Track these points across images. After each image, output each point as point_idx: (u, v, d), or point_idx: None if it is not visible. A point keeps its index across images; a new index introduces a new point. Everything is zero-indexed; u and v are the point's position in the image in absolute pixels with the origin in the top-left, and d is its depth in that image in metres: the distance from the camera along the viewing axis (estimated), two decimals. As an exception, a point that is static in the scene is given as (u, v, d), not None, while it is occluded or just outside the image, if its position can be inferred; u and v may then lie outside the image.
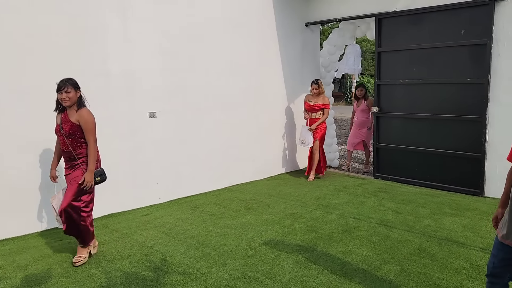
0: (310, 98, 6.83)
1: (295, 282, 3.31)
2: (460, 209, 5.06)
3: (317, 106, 6.72)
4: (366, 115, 7.47)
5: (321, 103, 6.75)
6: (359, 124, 7.51)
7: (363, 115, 7.49)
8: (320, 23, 7.59)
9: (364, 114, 7.48)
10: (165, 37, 5.54)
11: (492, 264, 2.39)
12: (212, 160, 6.25)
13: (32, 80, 4.48)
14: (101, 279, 3.42)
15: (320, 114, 6.78)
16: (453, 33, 5.75)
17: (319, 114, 6.78)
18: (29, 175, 4.52)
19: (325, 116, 6.80)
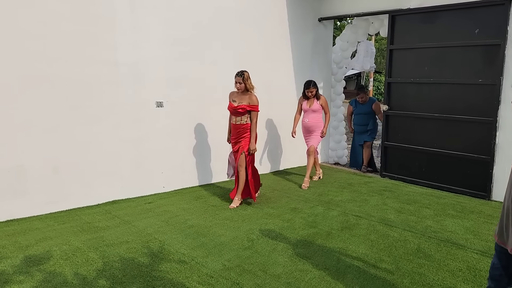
0: (234, 97, 5.11)
1: (287, 275, 3.32)
2: (465, 212, 4.99)
3: (242, 108, 4.96)
4: (318, 117, 6.25)
5: (247, 103, 4.98)
6: (310, 127, 6.26)
7: (315, 115, 6.22)
8: (333, 19, 7.52)
9: (316, 115, 6.23)
10: (174, 27, 5.58)
11: (492, 265, 2.38)
12: (217, 152, 6.28)
13: (44, 67, 4.56)
14: (98, 263, 3.49)
15: (246, 118, 5.05)
16: (466, 33, 5.63)
17: (245, 118, 5.05)
18: (36, 158, 4.62)
19: (254, 122, 5.02)
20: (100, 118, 5.04)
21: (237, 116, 5.04)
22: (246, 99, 5.00)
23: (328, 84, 7.91)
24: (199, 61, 5.89)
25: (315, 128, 6.25)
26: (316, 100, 6.21)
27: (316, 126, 6.25)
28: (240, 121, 5.06)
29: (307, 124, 6.26)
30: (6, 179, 4.44)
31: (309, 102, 6.25)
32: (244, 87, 4.98)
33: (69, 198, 4.90)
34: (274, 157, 7.20)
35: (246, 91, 5.01)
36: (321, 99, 6.22)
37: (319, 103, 6.20)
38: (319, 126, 6.25)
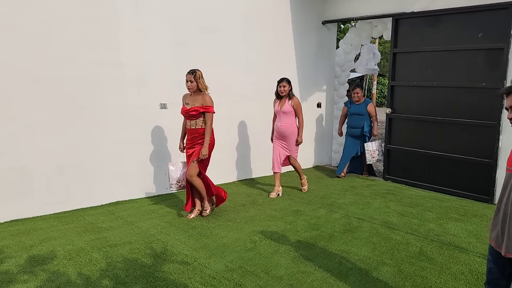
0: (187, 99, 4.64)
1: (290, 277, 3.33)
2: (467, 215, 4.98)
3: (195, 110, 4.48)
4: (292, 121, 5.59)
5: (200, 104, 4.50)
6: (283, 133, 5.60)
7: (287, 119, 5.58)
8: (337, 22, 7.54)
9: (289, 119, 5.57)
10: (178, 29, 5.61)
11: (488, 270, 2.38)
12: (221, 154, 6.29)
13: (48, 68, 4.60)
14: (101, 263, 3.51)
15: (202, 122, 4.54)
16: (470, 37, 5.64)
17: (200, 122, 4.54)
18: (40, 158, 4.65)
19: (209, 125, 4.52)
20: (104, 119, 5.08)
21: (191, 119, 4.58)
22: (199, 100, 4.54)
23: (332, 87, 7.93)
24: (203, 63, 5.90)
25: (290, 135, 5.57)
26: (288, 101, 5.52)
27: (291, 132, 5.56)
28: (195, 125, 4.58)
29: (279, 129, 5.58)
30: (10, 180, 4.48)
31: (281, 102, 5.58)
32: (196, 86, 4.51)
33: (73, 199, 4.93)
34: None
35: (199, 92, 4.56)
36: (293, 100, 5.51)
37: (290, 104, 5.50)
38: (295, 133, 5.58)
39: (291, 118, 5.54)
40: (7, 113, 4.40)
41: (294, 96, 5.57)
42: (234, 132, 6.49)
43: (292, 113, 5.53)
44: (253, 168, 6.83)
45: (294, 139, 5.61)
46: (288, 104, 5.50)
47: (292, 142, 5.60)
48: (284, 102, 5.54)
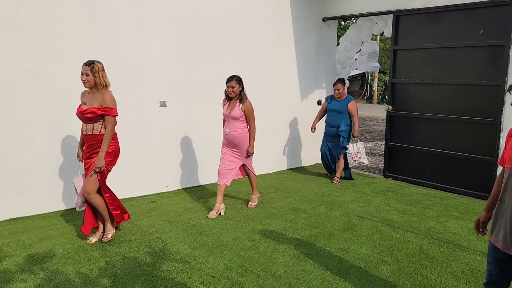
0: (85, 98, 3.81)
1: (289, 276, 3.32)
2: (468, 213, 4.96)
3: (91, 112, 3.66)
4: (243, 127, 4.79)
5: (98, 105, 3.69)
6: (232, 140, 4.79)
7: (237, 125, 4.77)
8: (337, 19, 7.50)
9: (239, 125, 4.77)
10: (178, 27, 5.58)
11: (488, 272, 2.35)
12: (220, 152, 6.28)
13: (48, 67, 4.58)
14: (100, 262, 3.50)
15: (101, 127, 3.73)
16: (470, 33, 5.61)
17: (98, 127, 3.72)
18: (40, 156, 4.64)
19: (108, 131, 3.72)
20: (103, 117, 5.05)
21: (88, 123, 3.72)
22: (98, 99, 3.70)
23: (332, 84, 7.89)
24: (203, 61, 5.90)
25: (241, 142, 4.77)
26: (238, 104, 4.72)
27: (242, 139, 4.77)
28: (92, 131, 3.72)
29: (228, 136, 4.76)
30: (10, 178, 4.46)
31: (230, 105, 4.76)
32: (93, 82, 3.68)
33: (72, 198, 4.91)
34: (277, 158, 7.19)
35: (97, 89, 3.73)
36: (244, 104, 4.70)
37: (241, 108, 4.69)
38: (247, 139, 4.80)
39: (242, 123, 4.76)
40: (7, 111, 4.38)
41: (247, 99, 4.75)
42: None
43: (243, 119, 4.74)
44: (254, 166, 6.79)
45: (245, 147, 4.83)
46: (238, 108, 4.69)
47: (243, 149, 4.84)
48: (234, 105, 4.72)
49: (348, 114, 6.28)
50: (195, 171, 6.05)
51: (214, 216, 4.72)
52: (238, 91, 4.69)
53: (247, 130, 4.81)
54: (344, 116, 6.27)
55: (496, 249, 2.26)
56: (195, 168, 6.04)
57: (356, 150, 6.33)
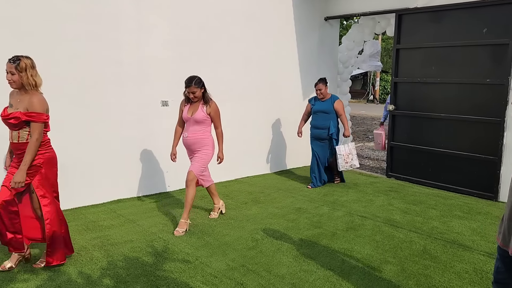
0: (12, 98, 3.32)
1: (292, 276, 3.30)
2: (471, 213, 4.94)
3: (15, 117, 3.15)
4: (204, 131, 4.33)
5: (24, 109, 3.17)
6: (191, 145, 4.37)
7: (199, 129, 4.31)
8: (339, 18, 7.48)
9: (201, 128, 4.31)
10: (179, 26, 5.57)
11: (495, 269, 2.34)
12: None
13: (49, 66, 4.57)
14: (102, 262, 3.49)
15: (26, 135, 3.20)
16: (474, 32, 5.57)
17: (24, 134, 3.20)
18: (42, 157, 4.63)
19: (33, 139, 3.15)
20: (105, 117, 5.05)
21: (13, 129, 3.19)
22: (25, 102, 3.16)
23: (334, 83, 7.87)
24: (205, 60, 5.88)
25: (202, 148, 4.34)
26: (202, 106, 4.29)
27: (204, 144, 4.33)
28: (18, 139, 3.18)
29: (187, 141, 4.34)
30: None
31: (192, 107, 4.33)
32: (20, 82, 3.16)
33: (74, 197, 4.91)
34: (279, 157, 7.18)
35: (25, 90, 3.20)
36: (210, 105, 4.29)
37: (205, 111, 4.27)
38: (209, 145, 4.37)
39: (202, 127, 4.31)
40: (7, 111, 4.37)
41: (212, 101, 4.33)
42: (235, 130, 6.44)
43: (207, 122, 4.32)
44: (254, 166, 6.79)
45: (206, 152, 4.36)
46: (203, 111, 4.26)
47: (201, 155, 4.33)
48: (197, 107, 4.29)
49: (335, 114, 5.95)
50: (197, 171, 6.03)
51: (216, 216, 4.66)
52: (201, 94, 4.26)
53: (207, 134, 4.36)
54: (332, 117, 5.92)
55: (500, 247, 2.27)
56: (197, 167, 6.02)
57: (347, 151, 6.00)
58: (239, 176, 6.59)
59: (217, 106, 4.38)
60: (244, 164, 6.62)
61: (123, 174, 5.29)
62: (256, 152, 6.77)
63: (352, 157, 6.00)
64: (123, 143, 5.24)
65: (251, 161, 6.73)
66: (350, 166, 6.01)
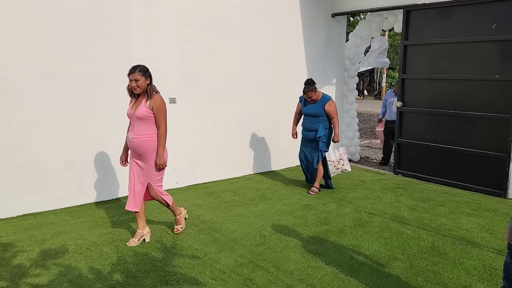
0: None
1: (300, 272, 3.32)
2: (480, 210, 4.92)
3: None
4: (149, 130, 3.69)
5: None
6: (137, 149, 3.72)
7: (142, 128, 3.68)
8: (346, 14, 7.45)
9: (145, 128, 3.68)
10: (187, 23, 5.59)
11: (505, 264, 2.34)
12: (230, 148, 6.30)
13: (60, 64, 4.61)
14: (112, 257, 3.53)
15: None
16: (482, 28, 5.54)
17: None
18: (52, 153, 4.68)
19: None
20: (114, 114, 5.08)
21: None
22: None
23: (341, 80, 7.86)
24: (212, 57, 5.90)
25: (147, 152, 3.71)
26: (145, 101, 3.66)
27: (149, 147, 3.70)
28: None
29: (131, 143, 3.71)
30: (22, 174, 4.51)
31: (136, 103, 3.73)
32: None
33: (84, 193, 4.95)
34: (286, 154, 7.17)
35: None
36: (153, 99, 3.65)
37: (148, 105, 3.63)
38: (154, 151, 3.73)
39: (149, 126, 3.68)
40: (19, 108, 4.42)
41: (156, 94, 3.71)
42: (241, 127, 6.46)
43: (152, 119, 3.68)
44: (262, 163, 6.81)
45: (154, 159, 3.75)
46: (145, 106, 3.63)
47: (151, 162, 3.75)
48: (140, 102, 3.68)
49: (327, 116, 5.46)
50: (205, 168, 6.06)
51: (135, 244, 3.79)
52: (145, 85, 3.65)
53: (155, 137, 3.72)
54: (322, 119, 5.43)
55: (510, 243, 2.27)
56: (204, 164, 6.05)
57: (338, 156, 5.64)
58: (246, 173, 6.60)
59: (163, 101, 3.71)
60: (251, 160, 6.64)
61: (132, 170, 5.32)
62: (263, 148, 6.78)
63: (343, 162, 5.69)
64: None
65: (258, 158, 6.74)
66: (342, 171, 5.72)
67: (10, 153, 4.42)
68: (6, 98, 4.35)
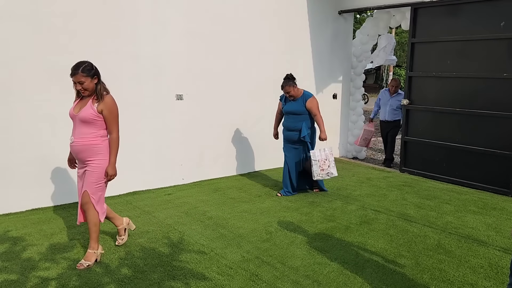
0: None
1: (306, 268, 3.34)
2: (486, 208, 4.91)
3: None
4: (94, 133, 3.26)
5: None
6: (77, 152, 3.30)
7: (86, 131, 3.25)
8: (353, 11, 7.43)
9: (89, 131, 3.25)
10: (195, 20, 5.60)
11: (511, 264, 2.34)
12: (236, 145, 6.32)
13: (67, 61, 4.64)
14: (120, 252, 3.57)
15: None
16: (491, 26, 5.50)
17: None
18: (60, 149, 4.72)
19: None
20: (121, 110, 5.07)
21: None
22: None
23: (348, 78, 7.85)
24: (219, 54, 5.92)
25: (88, 158, 3.27)
26: (92, 102, 3.26)
27: (92, 152, 3.27)
28: None
29: (73, 147, 3.30)
30: (31, 169, 4.56)
31: (81, 103, 3.32)
32: None
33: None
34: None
35: None
36: (104, 101, 3.26)
37: (97, 108, 3.23)
38: (99, 153, 3.29)
39: (93, 130, 3.25)
40: (28, 105, 4.47)
41: (107, 95, 3.31)
42: (248, 124, 6.48)
43: (98, 123, 3.25)
44: (268, 159, 6.82)
45: (97, 165, 3.28)
46: (91, 107, 3.23)
47: (91, 168, 3.28)
48: (86, 102, 3.28)
49: (309, 114, 5.17)
50: (211, 164, 6.09)
51: (124, 241, 3.67)
52: (93, 86, 3.25)
53: (100, 140, 3.29)
54: (304, 118, 5.12)
55: None
56: (211, 161, 6.08)
57: (324, 156, 5.15)
58: (252, 170, 6.63)
59: (114, 102, 3.32)
60: (258, 157, 6.66)
61: (139, 166, 5.37)
62: (270, 145, 6.78)
63: (329, 164, 5.16)
64: (139, 136, 5.31)
65: (265, 155, 6.76)
66: (327, 175, 5.15)
67: (19, 149, 4.47)
68: (14, 95, 4.41)
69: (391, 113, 7.17)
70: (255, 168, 6.66)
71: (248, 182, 5.98)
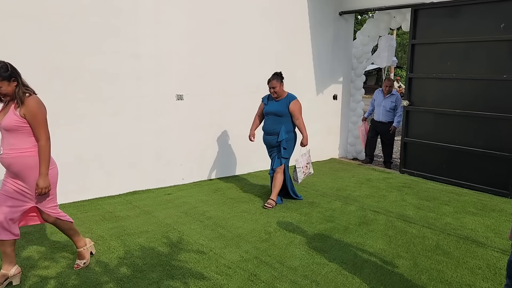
0: None
1: (304, 268, 3.35)
2: (485, 209, 4.91)
3: None
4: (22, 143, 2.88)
5: None
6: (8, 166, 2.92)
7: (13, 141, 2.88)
8: (354, 13, 7.44)
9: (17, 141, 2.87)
10: (196, 20, 5.62)
11: (508, 263, 2.36)
12: (237, 145, 6.33)
13: (68, 60, 4.67)
14: (119, 251, 3.58)
15: None
16: (491, 27, 5.51)
17: None
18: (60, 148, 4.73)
19: None
20: (122, 110, 5.14)
21: None
22: None
23: (348, 79, 7.86)
24: (220, 54, 5.93)
25: (25, 171, 2.90)
26: (15, 107, 2.87)
27: (25, 167, 2.89)
28: None
29: (3, 160, 2.90)
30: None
31: (3, 110, 2.94)
32: None
33: (92, 188, 5.02)
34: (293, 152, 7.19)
35: None
36: (25, 105, 2.84)
37: (19, 114, 2.84)
38: (32, 167, 2.91)
39: (23, 139, 2.89)
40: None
41: (30, 97, 2.89)
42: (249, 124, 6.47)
43: (25, 131, 2.88)
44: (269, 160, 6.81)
45: (34, 178, 2.93)
46: (15, 114, 2.85)
47: (32, 183, 2.93)
48: (8, 109, 2.91)
49: (291, 117, 4.87)
50: (210, 164, 6.11)
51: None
52: (12, 90, 2.84)
53: (32, 152, 2.91)
54: (285, 120, 4.82)
55: None
56: (210, 161, 6.09)
57: (306, 161, 5.06)
58: (252, 170, 6.64)
59: (39, 105, 2.91)
60: (258, 158, 6.66)
61: (139, 166, 5.38)
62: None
63: (309, 166, 5.11)
64: (139, 136, 5.32)
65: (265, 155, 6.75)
66: (306, 175, 5.12)
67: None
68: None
69: (385, 114, 7.18)
70: (255, 168, 6.66)
71: (248, 182, 6.00)
